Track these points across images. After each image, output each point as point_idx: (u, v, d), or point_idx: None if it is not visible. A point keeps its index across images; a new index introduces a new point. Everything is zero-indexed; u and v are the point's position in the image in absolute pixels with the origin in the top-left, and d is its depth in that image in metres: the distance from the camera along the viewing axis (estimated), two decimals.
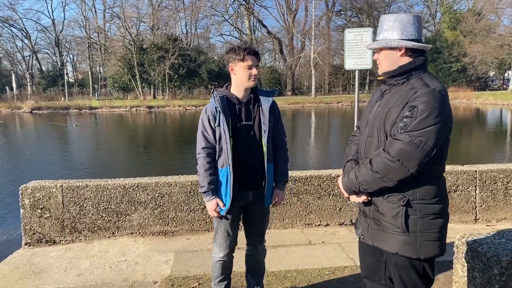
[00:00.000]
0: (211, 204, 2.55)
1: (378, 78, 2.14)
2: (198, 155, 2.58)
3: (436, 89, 1.89)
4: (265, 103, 2.58)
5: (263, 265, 2.90)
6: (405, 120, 1.87)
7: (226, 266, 2.74)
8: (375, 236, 2.06)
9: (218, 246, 2.69)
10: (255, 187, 2.60)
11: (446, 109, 1.88)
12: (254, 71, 2.50)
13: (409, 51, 2.00)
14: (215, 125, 2.50)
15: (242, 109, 2.56)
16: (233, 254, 2.75)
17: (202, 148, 2.55)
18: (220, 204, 2.55)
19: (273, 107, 2.62)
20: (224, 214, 2.58)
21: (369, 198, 2.06)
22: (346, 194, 2.15)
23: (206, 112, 2.55)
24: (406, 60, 2.00)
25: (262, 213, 2.72)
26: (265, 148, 2.56)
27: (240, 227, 2.75)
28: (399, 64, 2.01)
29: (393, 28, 2.00)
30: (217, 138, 2.52)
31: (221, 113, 2.48)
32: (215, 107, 2.51)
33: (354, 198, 2.11)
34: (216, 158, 2.56)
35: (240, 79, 2.52)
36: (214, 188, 2.55)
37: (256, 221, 2.73)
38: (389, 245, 2.00)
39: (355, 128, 2.35)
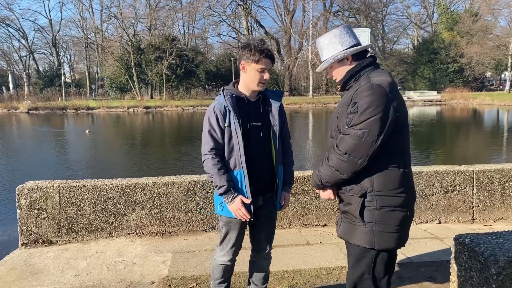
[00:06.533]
0: (236, 203, 2.36)
1: (337, 90, 2.30)
2: (205, 156, 2.40)
3: (375, 83, 1.99)
4: (275, 104, 2.49)
5: (267, 272, 2.75)
6: (349, 116, 2.01)
7: (229, 269, 2.67)
8: (343, 230, 2.18)
9: (225, 251, 2.58)
10: (265, 191, 2.51)
11: (387, 100, 1.95)
12: (266, 75, 2.39)
13: (355, 57, 2.15)
14: (225, 125, 2.37)
15: (251, 109, 2.45)
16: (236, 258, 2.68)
17: (211, 149, 2.38)
18: (244, 199, 2.37)
19: (281, 109, 2.54)
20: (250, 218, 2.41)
21: (336, 195, 2.20)
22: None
23: (214, 111, 2.39)
24: (354, 65, 2.15)
25: (271, 217, 2.61)
26: (275, 150, 2.48)
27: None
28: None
29: (333, 44, 2.14)
30: (227, 139, 2.38)
31: (231, 112, 2.36)
32: (225, 106, 2.37)
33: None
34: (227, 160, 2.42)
35: (250, 80, 2.41)
36: (233, 185, 2.38)
37: (264, 226, 2.60)
38: (350, 236, 2.12)
39: None
